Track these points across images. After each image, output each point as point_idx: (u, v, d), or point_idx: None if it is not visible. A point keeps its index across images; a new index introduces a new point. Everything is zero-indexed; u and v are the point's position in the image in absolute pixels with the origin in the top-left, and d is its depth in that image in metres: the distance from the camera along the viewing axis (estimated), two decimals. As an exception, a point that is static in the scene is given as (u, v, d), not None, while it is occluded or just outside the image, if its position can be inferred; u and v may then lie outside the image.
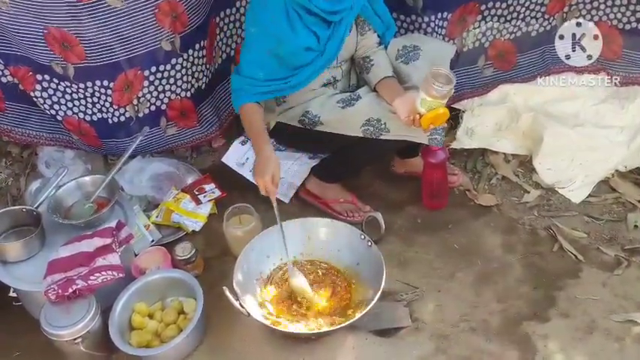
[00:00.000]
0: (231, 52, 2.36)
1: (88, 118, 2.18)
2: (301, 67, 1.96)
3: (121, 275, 1.82)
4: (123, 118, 2.20)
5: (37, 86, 2.08)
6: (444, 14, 2.20)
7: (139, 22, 1.97)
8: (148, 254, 2.01)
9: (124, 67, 2.05)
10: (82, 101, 2.13)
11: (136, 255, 2.02)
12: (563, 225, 2.17)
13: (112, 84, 2.08)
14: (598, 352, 1.77)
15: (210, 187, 2.29)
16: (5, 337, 1.94)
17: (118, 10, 1.91)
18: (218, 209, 2.26)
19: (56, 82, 2.07)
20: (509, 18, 2.30)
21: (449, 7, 2.20)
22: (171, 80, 2.18)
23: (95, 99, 2.12)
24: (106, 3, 1.88)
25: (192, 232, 2.19)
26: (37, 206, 2.02)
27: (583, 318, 1.87)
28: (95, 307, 1.75)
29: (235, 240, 2.03)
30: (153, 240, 2.12)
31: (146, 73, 2.11)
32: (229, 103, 2.32)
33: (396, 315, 1.89)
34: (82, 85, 2.07)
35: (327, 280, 1.91)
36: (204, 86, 2.29)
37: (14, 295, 1.94)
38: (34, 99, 2.13)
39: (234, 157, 2.24)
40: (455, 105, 2.45)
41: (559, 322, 1.86)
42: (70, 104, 2.14)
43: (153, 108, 2.23)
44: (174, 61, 2.14)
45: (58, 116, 2.17)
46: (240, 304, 1.69)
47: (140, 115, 2.22)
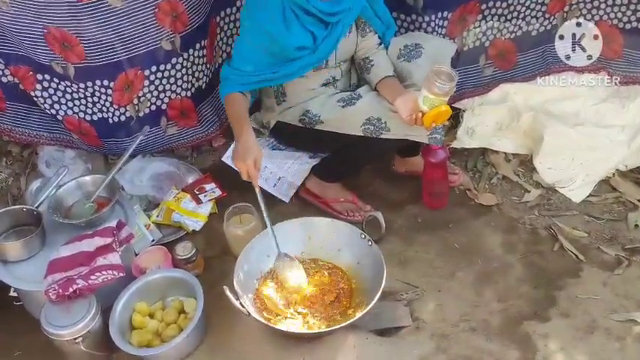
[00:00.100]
0: (232, 52, 2.35)
1: (88, 117, 2.18)
2: (292, 60, 1.95)
3: (122, 275, 1.82)
4: (123, 117, 2.20)
5: (38, 86, 2.08)
6: (444, 13, 2.20)
7: (139, 22, 1.97)
8: (148, 254, 2.01)
9: (124, 67, 2.05)
10: (83, 101, 2.13)
11: (137, 254, 2.02)
12: (563, 224, 2.17)
13: (112, 84, 2.08)
14: (599, 351, 1.77)
15: (211, 186, 2.29)
16: (6, 336, 1.94)
17: (118, 10, 1.91)
18: (218, 209, 2.26)
19: (56, 81, 2.07)
20: (509, 17, 2.30)
21: (449, 6, 2.20)
22: (172, 80, 2.18)
23: (95, 98, 2.12)
24: (107, 3, 1.88)
25: (193, 231, 2.19)
26: (38, 206, 2.02)
27: (584, 317, 1.86)
28: (96, 307, 1.75)
29: (236, 239, 2.03)
30: (153, 239, 2.12)
31: (146, 72, 2.11)
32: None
33: (397, 314, 1.89)
34: (82, 85, 2.07)
35: (333, 284, 1.88)
36: (204, 86, 2.29)
37: (15, 295, 1.94)
38: (34, 98, 2.12)
39: (234, 157, 2.24)
40: (455, 104, 2.45)
41: (559, 322, 1.86)
42: (71, 104, 2.14)
43: (153, 107, 2.23)
44: (174, 61, 2.14)
45: (58, 116, 2.17)
46: (241, 303, 1.70)
47: (140, 115, 2.22)
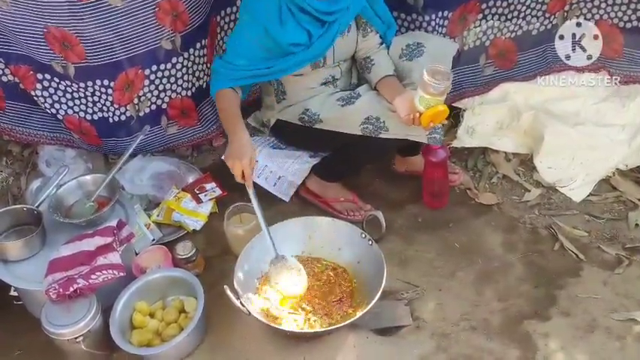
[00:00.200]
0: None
1: (88, 117, 2.18)
2: (286, 55, 1.94)
3: (122, 274, 1.82)
4: (123, 117, 2.20)
5: (38, 85, 2.08)
6: (444, 13, 2.20)
7: (139, 22, 1.97)
8: (148, 253, 2.01)
9: (124, 66, 2.05)
10: (83, 100, 2.13)
11: (137, 254, 2.02)
12: (563, 224, 2.17)
13: (112, 83, 2.08)
14: (599, 350, 1.77)
15: (211, 185, 2.29)
16: (6, 336, 1.94)
17: (118, 10, 1.90)
18: (219, 208, 2.26)
19: (57, 81, 2.07)
20: (509, 17, 2.30)
21: (449, 5, 2.19)
22: (172, 79, 2.18)
23: (96, 98, 2.12)
24: (107, 2, 1.87)
25: (193, 231, 2.19)
26: (38, 205, 2.02)
27: (584, 317, 1.86)
28: (96, 306, 1.75)
29: (236, 239, 2.03)
30: (154, 239, 2.12)
31: (147, 72, 2.11)
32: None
33: (397, 314, 1.89)
34: (82, 85, 2.07)
35: (337, 286, 1.88)
36: (204, 85, 2.29)
37: (15, 294, 1.95)
38: (34, 98, 2.12)
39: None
40: (456, 104, 2.45)
41: (560, 321, 1.86)
42: (71, 103, 2.14)
43: (153, 107, 2.23)
44: (174, 60, 2.14)
45: (58, 115, 2.17)
46: (241, 302, 1.70)
47: (141, 114, 2.22)
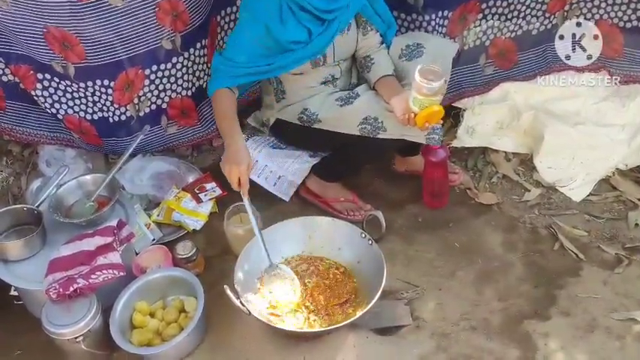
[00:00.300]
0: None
1: (88, 116, 2.18)
2: (285, 52, 1.94)
3: (122, 274, 1.82)
4: (124, 117, 2.20)
5: (38, 85, 2.08)
6: (444, 12, 2.20)
7: (139, 21, 1.97)
8: (148, 253, 2.01)
9: (124, 66, 2.05)
10: (83, 100, 2.13)
11: (137, 254, 2.02)
12: (563, 223, 2.17)
13: (112, 83, 2.07)
14: (599, 350, 1.77)
15: (211, 185, 2.29)
16: (6, 335, 1.94)
17: (118, 9, 1.90)
18: (219, 208, 2.26)
19: (57, 81, 2.07)
20: (509, 16, 2.30)
21: (449, 5, 2.19)
22: (172, 79, 2.18)
23: (96, 98, 2.12)
24: (107, 2, 1.87)
25: (193, 230, 2.19)
26: (38, 205, 2.02)
27: (584, 316, 1.87)
28: (96, 306, 1.75)
29: (236, 239, 2.03)
30: (154, 239, 2.12)
31: (147, 72, 2.11)
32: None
33: (397, 313, 1.89)
34: (82, 85, 2.07)
35: (341, 287, 1.87)
36: (204, 85, 2.29)
37: (15, 294, 1.95)
38: (34, 98, 2.12)
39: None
40: (456, 103, 2.45)
41: (560, 321, 1.86)
42: (71, 103, 2.14)
43: (153, 107, 2.23)
44: (174, 60, 2.13)
45: (58, 115, 2.17)
46: (241, 302, 1.70)
47: (141, 114, 2.22)
